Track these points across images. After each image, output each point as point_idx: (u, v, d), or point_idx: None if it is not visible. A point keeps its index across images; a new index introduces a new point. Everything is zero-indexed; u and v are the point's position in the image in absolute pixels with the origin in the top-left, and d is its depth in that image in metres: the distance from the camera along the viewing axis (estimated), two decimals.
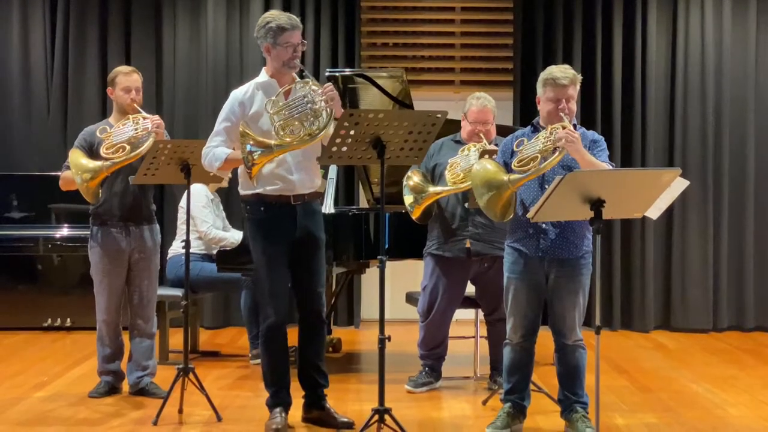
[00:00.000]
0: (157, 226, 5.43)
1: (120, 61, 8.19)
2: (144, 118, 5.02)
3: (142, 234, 5.27)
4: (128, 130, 4.99)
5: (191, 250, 6.16)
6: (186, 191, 5.11)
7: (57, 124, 8.21)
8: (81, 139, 5.25)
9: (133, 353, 5.34)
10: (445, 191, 5.39)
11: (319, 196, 4.80)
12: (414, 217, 5.49)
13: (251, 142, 4.31)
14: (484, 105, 5.48)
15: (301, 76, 4.54)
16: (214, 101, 7.88)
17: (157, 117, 5.07)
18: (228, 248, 6.03)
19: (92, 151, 5.10)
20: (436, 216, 5.56)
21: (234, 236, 6.42)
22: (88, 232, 5.28)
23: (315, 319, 4.72)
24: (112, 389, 5.37)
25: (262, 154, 4.32)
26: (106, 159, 4.96)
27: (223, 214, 6.84)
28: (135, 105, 5.12)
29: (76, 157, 5.01)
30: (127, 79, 5.17)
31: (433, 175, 5.55)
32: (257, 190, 4.56)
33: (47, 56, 8.26)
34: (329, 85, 4.40)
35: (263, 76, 4.64)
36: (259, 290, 4.71)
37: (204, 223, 6.43)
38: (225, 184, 6.39)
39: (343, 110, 4.40)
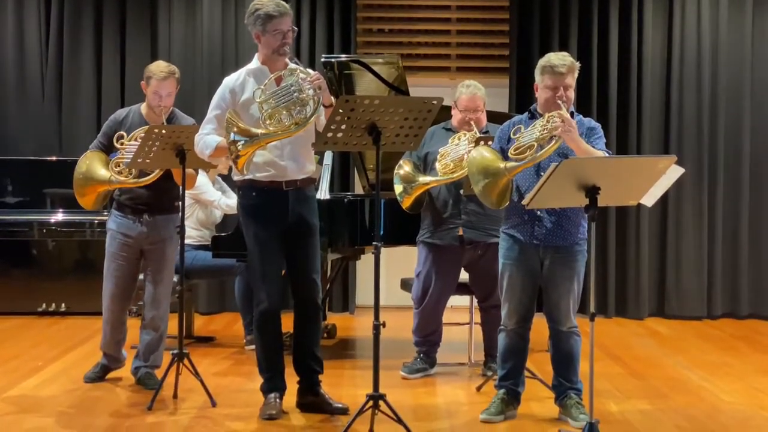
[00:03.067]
0: (177, 218, 5.15)
1: (115, 45, 8.19)
2: (162, 132, 4.80)
3: (157, 224, 5.16)
4: None
5: (188, 241, 6.18)
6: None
7: (52, 110, 8.20)
8: (105, 128, 5.17)
9: (140, 342, 5.27)
10: (434, 181, 5.39)
11: (313, 182, 4.79)
12: (404, 206, 5.50)
13: (235, 130, 4.29)
14: (474, 93, 5.46)
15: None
16: (210, 88, 7.81)
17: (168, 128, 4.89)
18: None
19: (111, 142, 5.06)
20: (428, 204, 5.56)
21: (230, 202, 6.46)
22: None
23: (310, 306, 4.71)
24: (106, 371, 5.35)
25: (247, 143, 4.29)
26: (114, 174, 4.96)
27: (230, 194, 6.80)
28: (162, 114, 5.04)
29: (89, 159, 5.03)
30: (158, 84, 5.03)
31: (425, 164, 5.54)
32: (249, 176, 4.56)
33: (42, 41, 8.24)
34: (317, 73, 4.40)
35: (255, 62, 4.63)
36: (252, 276, 4.71)
37: (212, 194, 6.48)
38: (224, 170, 6.39)
39: (331, 98, 4.39)
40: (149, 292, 5.22)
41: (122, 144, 5.01)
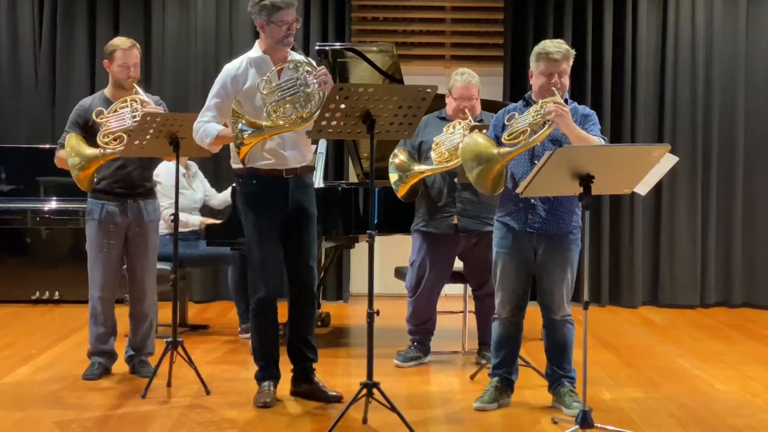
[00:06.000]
0: (156, 202, 5.27)
1: (108, 34, 8.11)
2: (142, 103, 4.85)
3: (140, 209, 5.14)
4: (127, 118, 4.87)
5: (183, 230, 6.17)
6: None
7: (45, 96, 8.17)
8: (74, 117, 5.10)
9: (130, 331, 5.25)
10: (429, 170, 5.39)
11: (312, 170, 4.80)
12: (399, 195, 5.49)
13: (243, 122, 4.30)
14: (469, 81, 5.45)
15: (293, 49, 4.53)
16: (204, 75, 7.85)
17: (151, 103, 4.91)
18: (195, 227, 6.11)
19: (87, 129, 5.01)
20: (423, 193, 5.56)
21: (191, 219, 6.42)
22: (82, 206, 5.19)
23: (306, 293, 4.72)
24: (104, 371, 5.22)
25: (253, 134, 4.30)
26: (103, 147, 4.89)
27: (205, 183, 6.79)
28: (135, 85, 4.99)
29: (73, 142, 4.95)
30: (124, 54, 5.01)
31: (419, 152, 5.54)
32: (249, 164, 4.54)
33: (35, 28, 8.20)
34: (323, 68, 4.39)
35: (256, 50, 4.61)
36: (250, 264, 4.70)
37: (191, 221, 6.46)
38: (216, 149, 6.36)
39: None
40: (136, 279, 5.20)
41: (102, 118, 4.93)
